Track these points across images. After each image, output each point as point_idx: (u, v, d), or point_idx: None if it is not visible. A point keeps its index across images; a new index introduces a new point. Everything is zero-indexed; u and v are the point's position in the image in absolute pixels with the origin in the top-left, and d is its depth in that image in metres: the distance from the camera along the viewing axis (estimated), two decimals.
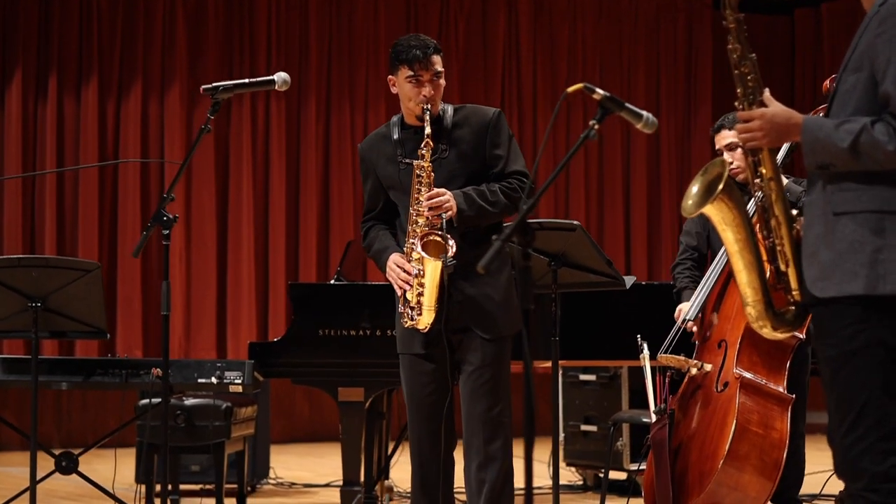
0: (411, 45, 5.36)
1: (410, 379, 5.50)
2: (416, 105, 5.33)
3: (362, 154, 5.58)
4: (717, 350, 6.13)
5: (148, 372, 6.61)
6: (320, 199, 12.05)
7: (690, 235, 6.73)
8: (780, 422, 5.98)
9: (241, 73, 11.83)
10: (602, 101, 4.00)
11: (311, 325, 6.82)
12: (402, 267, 5.32)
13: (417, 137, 5.38)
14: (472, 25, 12.50)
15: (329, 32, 12.12)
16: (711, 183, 4.26)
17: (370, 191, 5.56)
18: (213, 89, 5.20)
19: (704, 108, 13.28)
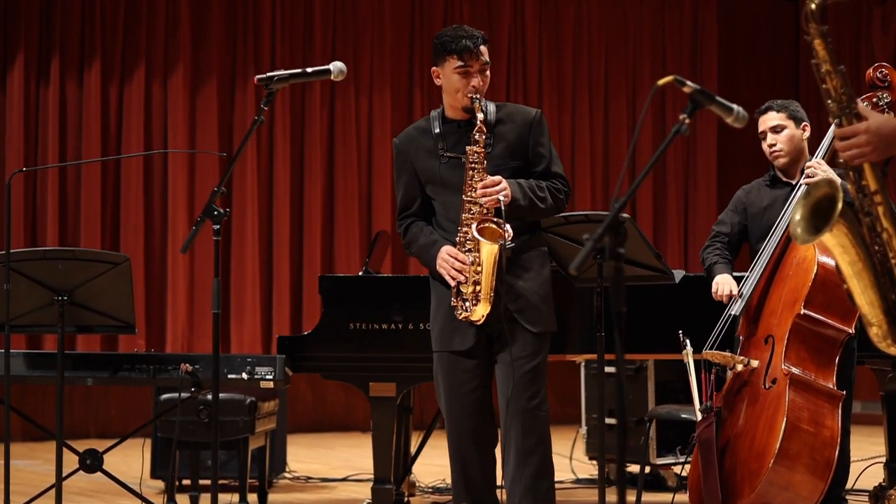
0: (459, 35, 5.29)
1: (450, 377, 5.42)
2: (464, 96, 5.26)
3: (399, 148, 5.49)
4: (763, 346, 6.01)
5: (176, 367, 6.44)
6: (325, 185, 11.87)
7: (725, 224, 6.59)
8: (830, 419, 5.86)
9: (244, 58, 11.66)
10: (692, 95, 3.85)
11: (342, 319, 6.65)
12: (456, 257, 5.24)
13: (461, 131, 5.35)
14: (476, 10, 12.34)
15: (333, 17, 11.94)
16: (821, 207, 3.96)
17: (406, 186, 5.47)
18: (267, 79, 5.01)
19: None
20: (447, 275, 5.27)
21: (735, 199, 6.66)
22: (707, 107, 3.87)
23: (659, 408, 7.14)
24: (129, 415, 11.23)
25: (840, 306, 5.95)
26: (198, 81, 11.57)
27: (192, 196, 11.53)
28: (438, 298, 5.46)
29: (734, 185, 13.25)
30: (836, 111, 3.87)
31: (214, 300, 4.85)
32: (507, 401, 5.31)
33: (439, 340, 5.44)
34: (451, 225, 5.37)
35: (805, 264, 5.94)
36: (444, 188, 5.35)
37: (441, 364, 5.45)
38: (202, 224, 4.87)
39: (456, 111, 5.37)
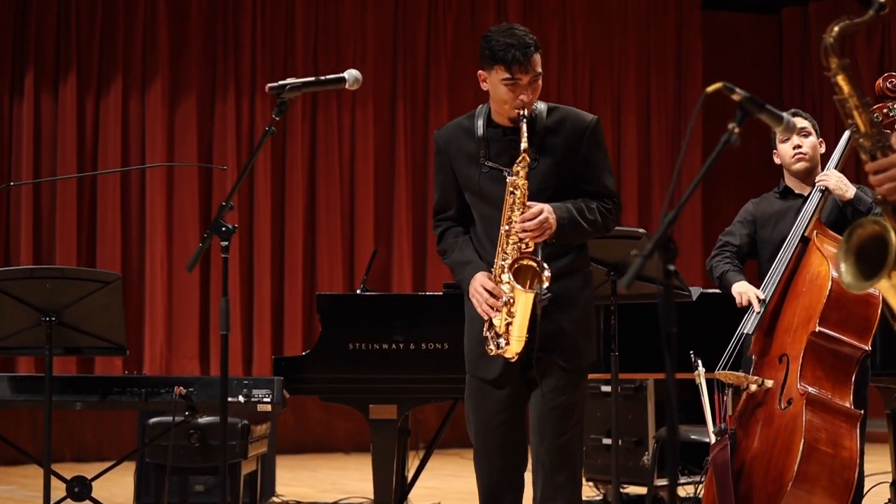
0: (509, 43, 4.74)
1: (480, 406, 4.99)
2: (511, 109, 4.75)
3: (440, 144, 4.99)
4: (777, 365, 5.84)
5: (169, 390, 6.21)
6: (306, 200, 11.65)
7: (734, 236, 6.42)
8: (849, 439, 5.70)
9: (224, 71, 11.44)
10: (741, 103, 3.66)
11: (341, 339, 6.45)
12: (491, 291, 4.80)
13: (506, 140, 4.84)
14: (460, 24, 12.17)
15: (315, 30, 11.74)
16: (868, 248, 3.72)
17: (443, 187, 5.00)
18: (279, 88, 4.77)
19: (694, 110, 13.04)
20: (479, 308, 4.84)
21: (744, 211, 6.50)
22: (757, 115, 3.68)
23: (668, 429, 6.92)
24: (105, 438, 10.98)
25: (856, 323, 5.79)
26: (176, 95, 11.34)
27: (171, 212, 11.30)
28: (470, 318, 5.01)
29: (720, 201, 13.33)
30: (868, 146, 3.67)
31: (223, 321, 4.63)
32: (534, 433, 4.96)
33: (473, 364, 5.02)
34: (487, 242, 4.92)
35: (819, 281, 5.78)
36: (483, 201, 4.90)
37: (471, 391, 5.04)
38: (209, 240, 4.62)
39: (501, 118, 4.85)
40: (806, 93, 13.42)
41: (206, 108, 11.43)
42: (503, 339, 4.80)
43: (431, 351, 6.44)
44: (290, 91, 4.78)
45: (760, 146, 13.88)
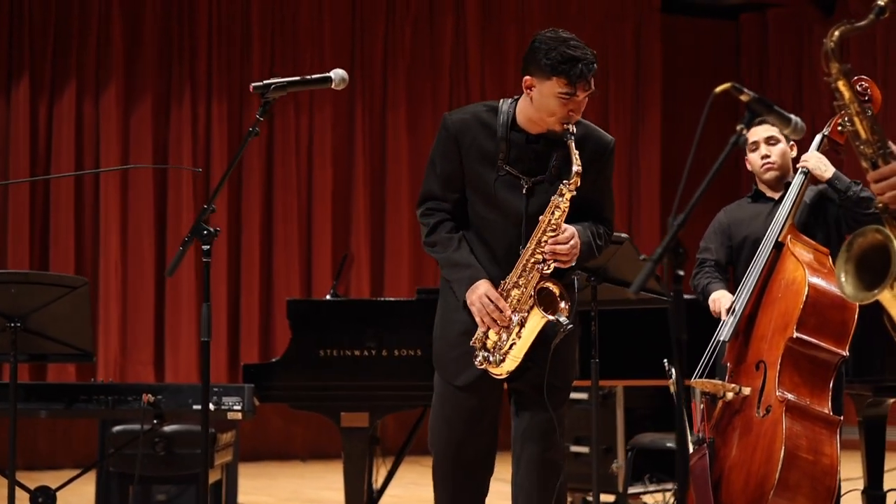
0: (575, 56, 4.53)
1: (450, 414, 4.77)
2: (558, 123, 4.52)
3: (451, 131, 4.66)
4: (754, 372, 5.76)
5: (137, 398, 6.07)
6: (263, 204, 11.51)
7: (710, 251, 6.35)
8: (829, 446, 5.63)
9: (180, 76, 11.29)
10: (749, 103, 3.59)
11: (311, 345, 6.34)
12: (497, 303, 4.60)
13: (530, 147, 4.62)
14: (419, 28, 12.07)
15: (272, 34, 11.60)
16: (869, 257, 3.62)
17: (446, 176, 4.70)
18: (263, 87, 4.61)
19: (653, 114, 13.02)
20: (479, 316, 4.63)
21: (716, 222, 6.43)
22: (765, 116, 3.61)
23: (642, 436, 6.87)
24: (59, 446, 10.79)
25: (833, 328, 5.74)
26: (131, 99, 11.17)
27: (125, 216, 11.13)
28: (447, 320, 4.79)
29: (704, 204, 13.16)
30: (869, 153, 3.60)
31: (203, 327, 4.47)
32: (517, 447, 4.80)
33: (446, 369, 4.78)
34: (482, 246, 4.72)
35: (795, 286, 5.72)
36: (490, 205, 4.67)
37: (441, 397, 4.81)
38: (190, 244, 4.51)
39: (533, 125, 4.61)
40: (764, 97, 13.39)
41: (161, 112, 11.27)
42: (497, 355, 4.64)
43: (404, 357, 6.36)
44: (275, 91, 4.63)
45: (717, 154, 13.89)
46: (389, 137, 11.90)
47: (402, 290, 11.30)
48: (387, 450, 7.77)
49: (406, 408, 6.53)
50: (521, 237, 4.65)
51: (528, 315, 4.58)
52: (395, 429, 10.13)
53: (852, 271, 3.62)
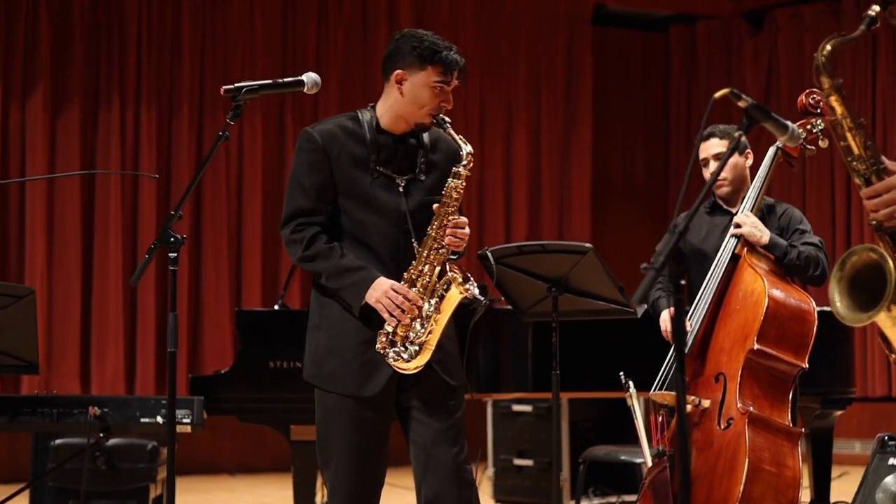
0: (444, 45, 4.73)
1: (351, 427, 4.67)
2: (428, 115, 4.66)
3: (318, 142, 4.68)
4: (713, 384, 5.73)
5: (83, 411, 5.88)
6: (192, 211, 11.29)
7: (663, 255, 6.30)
8: (791, 458, 5.62)
9: (108, 80, 11.06)
10: (747, 109, 3.53)
11: (261, 356, 6.20)
12: (406, 295, 4.59)
13: (398, 147, 4.73)
14: (351, 35, 11.94)
15: (203, 36, 11.41)
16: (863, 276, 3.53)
17: (316, 190, 4.66)
18: (234, 91, 4.49)
19: (584, 125, 12.98)
20: (387, 312, 4.59)
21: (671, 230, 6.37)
22: (762, 122, 3.55)
23: (596, 449, 6.80)
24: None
25: (793, 340, 5.72)
26: (58, 103, 10.93)
27: (51, 225, 10.88)
28: (340, 330, 4.71)
29: (607, 219, 13.29)
30: (862, 169, 3.54)
31: (171, 338, 4.33)
32: (428, 455, 4.70)
33: (341, 381, 4.67)
34: (363, 249, 4.68)
35: (754, 297, 5.69)
36: (369, 208, 4.67)
37: (338, 411, 4.69)
38: (156, 251, 4.36)
39: (397, 123, 4.71)
40: (693, 110, 13.45)
41: (88, 118, 11.04)
42: (412, 348, 4.60)
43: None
44: (247, 94, 4.52)
45: (646, 167, 13.96)
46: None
47: None
48: None
49: None
50: (404, 235, 4.69)
51: (443, 297, 4.61)
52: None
53: (846, 291, 3.56)
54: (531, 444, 8.11)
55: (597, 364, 6.63)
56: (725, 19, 13.19)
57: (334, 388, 4.69)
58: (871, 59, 12.13)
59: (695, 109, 13.44)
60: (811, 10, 12.50)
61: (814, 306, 5.76)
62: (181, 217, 4.36)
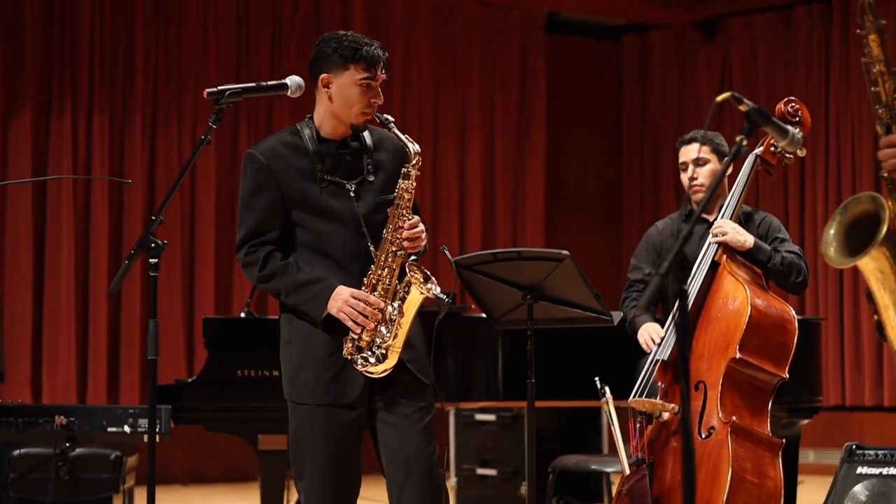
0: (364, 42, 4.74)
1: (327, 433, 4.67)
2: (361, 113, 4.70)
3: (261, 163, 4.71)
4: (693, 392, 5.67)
5: (49, 420, 5.75)
6: (145, 221, 11.11)
7: (639, 270, 6.25)
8: (773, 469, 5.58)
9: (61, 87, 10.89)
10: (749, 113, 3.47)
11: (229, 365, 6.10)
12: (366, 300, 4.61)
13: (342, 153, 4.75)
14: (305, 44, 11.80)
15: (156, 45, 11.26)
16: (860, 225, 3.57)
17: (266, 209, 4.70)
18: (217, 94, 4.45)
19: (538, 133, 12.94)
20: (350, 320, 4.61)
21: (647, 240, 6.33)
22: (763, 127, 3.49)
23: (566, 458, 6.72)
24: None
25: (773, 350, 5.68)
26: (10, 110, 10.74)
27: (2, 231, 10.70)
28: (308, 343, 4.73)
29: (561, 226, 13.26)
30: (886, 118, 3.54)
31: (151, 345, 4.23)
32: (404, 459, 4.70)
33: (313, 390, 4.68)
34: (322, 258, 4.71)
35: (736, 306, 5.64)
36: (323, 217, 4.70)
37: (313, 418, 4.68)
38: (136, 257, 4.25)
39: (336, 128, 4.75)
40: (646, 117, 13.46)
41: (40, 125, 10.86)
42: (378, 351, 4.63)
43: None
44: (230, 97, 4.50)
45: (600, 175, 13.94)
46: None
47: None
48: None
49: None
50: (361, 239, 4.72)
51: (405, 299, 4.65)
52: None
53: (840, 236, 3.59)
54: (494, 454, 8.04)
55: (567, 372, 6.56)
56: (678, 28, 13.20)
57: (311, 400, 4.69)
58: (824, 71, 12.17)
59: (648, 118, 13.44)
60: (764, 19, 12.53)
61: (794, 316, 5.73)
62: (162, 221, 4.27)
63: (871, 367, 11.63)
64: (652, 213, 13.25)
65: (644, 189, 13.38)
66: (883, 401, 11.60)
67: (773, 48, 12.48)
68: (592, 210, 13.58)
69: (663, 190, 13.20)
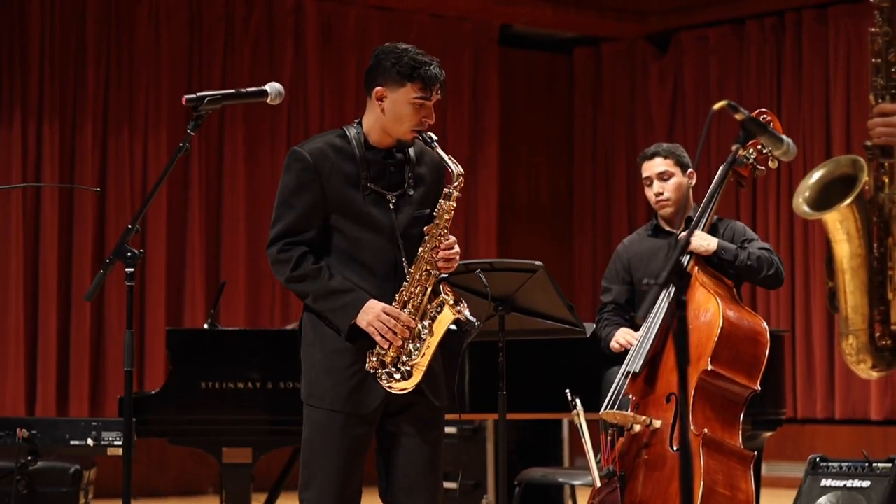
0: (425, 60, 4.70)
1: (342, 447, 4.64)
2: (410, 130, 4.66)
3: (309, 162, 4.67)
4: (665, 405, 5.65)
5: (10, 433, 5.63)
6: (95, 229, 10.98)
7: (610, 292, 6.22)
8: (744, 481, 5.57)
9: (10, 94, 10.72)
10: (744, 123, 3.44)
11: (193, 377, 6.01)
12: (398, 318, 4.59)
13: (387, 163, 4.72)
14: (258, 52, 11.72)
15: (108, 52, 11.10)
16: (836, 186, 3.57)
17: (306, 208, 4.66)
18: (196, 100, 4.36)
19: (490, 145, 12.90)
20: (379, 334, 4.58)
21: (616, 258, 6.28)
22: (759, 136, 3.45)
23: (532, 471, 6.66)
24: None
25: (745, 362, 5.67)
26: None
27: None
28: (334, 349, 4.67)
29: (513, 239, 13.21)
30: (880, 87, 3.52)
31: (126, 356, 4.12)
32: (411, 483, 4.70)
33: (334, 398, 4.63)
34: (355, 266, 4.67)
35: (708, 318, 5.63)
36: (363, 225, 4.66)
37: (330, 428, 4.64)
38: (112, 266, 4.16)
39: (384, 138, 4.71)
40: (598, 130, 13.44)
41: None
42: (404, 368, 4.60)
43: (290, 390, 6.09)
44: (210, 104, 4.43)
45: (551, 188, 13.92)
46: (226, 162, 11.51)
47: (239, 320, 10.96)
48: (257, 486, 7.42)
49: (292, 443, 6.24)
50: (397, 252, 4.70)
51: (436, 318, 4.62)
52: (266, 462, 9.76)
53: (814, 191, 3.59)
54: (455, 467, 7.98)
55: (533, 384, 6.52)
56: (630, 42, 13.20)
57: (329, 406, 4.66)
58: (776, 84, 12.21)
59: (599, 131, 13.43)
60: (716, 33, 12.55)
61: (766, 328, 5.71)
62: (138, 230, 4.18)
63: (822, 380, 11.66)
64: (604, 226, 13.25)
65: (596, 201, 13.36)
66: (835, 413, 11.63)
67: (726, 61, 12.51)
68: (544, 222, 13.55)
69: (615, 202, 13.19)
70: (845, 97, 11.66)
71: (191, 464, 10.95)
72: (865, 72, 12.14)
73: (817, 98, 11.84)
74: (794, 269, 11.78)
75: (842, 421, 11.64)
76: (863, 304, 3.55)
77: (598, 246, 13.26)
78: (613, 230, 13.08)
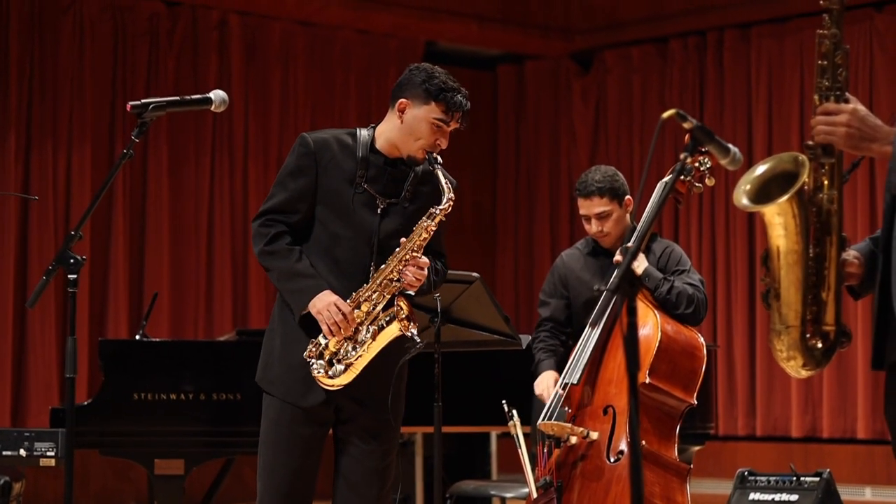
0: (454, 86, 4.87)
1: (290, 442, 4.72)
2: (421, 149, 4.79)
3: (310, 147, 4.79)
4: (602, 417, 5.68)
5: None
6: (18, 243, 10.83)
7: (548, 307, 6.23)
8: (681, 494, 5.61)
9: None
10: (692, 131, 3.46)
11: (125, 388, 5.96)
12: (346, 314, 4.63)
13: (387, 170, 4.83)
14: (182, 65, 11.63)
15: (30, 64, 10.96)
16: (780, 178, 3.61)
17: (297, 192, 4.78)
18: (141, 107, 4.32)
19: None
20: (326, 323, 4.63)
21: (553, 272, 6.31)
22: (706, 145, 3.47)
23: (464, 484, 6.65)
24: None
25: (682, 376, 5.72)
26: None
27: None
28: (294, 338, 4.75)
29: (458, 251, 13.15)
30: (824, 88, 3.56)
31: (69, 363, 4.07)
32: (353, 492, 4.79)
33: (281, 387, 4.74)
34: (328, 261, 4.77)
35: (646, 331, 5.67)
36: (345, 222, 4.76)
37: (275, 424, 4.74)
38: (54, 273, 4.10)
39: (392, 147, 4.85)
40: (521, 148, 13.47)
41: None
42: (338, 366, 4.63)
43: (223, 402, 6.07)
44: (154, 111, 4.39)
45: (474, 205, 13.93)
46: (150, 175, 11.40)
47: (163, 331, 10.85)
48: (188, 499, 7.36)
49: (223, 454, 6.22)
50: (370, 255, 4.77)
51: (383, 328, 4.67)
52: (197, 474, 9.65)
53: (755, 186, 3.62)
54: None
55: (466, 397, 6.52)
56: (554, 59, 13.26)
57: (277, 393, 4.74)
58: (698, 103, 12.31)
59: (523, 148, 13.47)
60: (639, 52, 12.64)
61: (703, 343, 5.76)
62: (81, 237, 4.13)
63: (743, 396, 11.75)
64: (526, 244, 13.27)
65: (518, 219, 13.39)
66: (756, 430, 11.72)
67: (648, 80, 12.60)
68: (467, 239, 13.55)
69: (538, 220, 13.23)
70: (767, 116, 11.78)
71: (113, 479, 10.81)
72: (787, 91, 12.33)
73: (739, 116, 11.96)
74: (716, 287, 11.88)
75: (763, 438, 11.73)
76: (796, 301, 3.57)
77: (520, 262, 13.30)
78: (535, 246, 13.13)
